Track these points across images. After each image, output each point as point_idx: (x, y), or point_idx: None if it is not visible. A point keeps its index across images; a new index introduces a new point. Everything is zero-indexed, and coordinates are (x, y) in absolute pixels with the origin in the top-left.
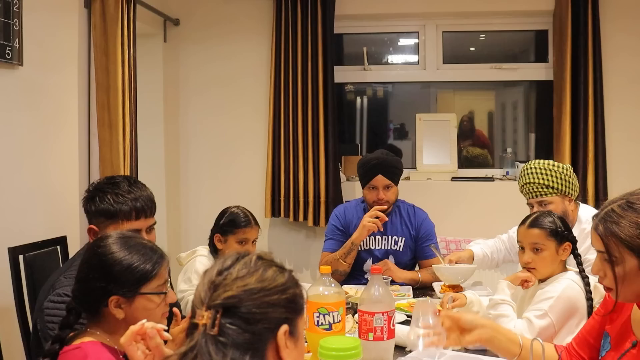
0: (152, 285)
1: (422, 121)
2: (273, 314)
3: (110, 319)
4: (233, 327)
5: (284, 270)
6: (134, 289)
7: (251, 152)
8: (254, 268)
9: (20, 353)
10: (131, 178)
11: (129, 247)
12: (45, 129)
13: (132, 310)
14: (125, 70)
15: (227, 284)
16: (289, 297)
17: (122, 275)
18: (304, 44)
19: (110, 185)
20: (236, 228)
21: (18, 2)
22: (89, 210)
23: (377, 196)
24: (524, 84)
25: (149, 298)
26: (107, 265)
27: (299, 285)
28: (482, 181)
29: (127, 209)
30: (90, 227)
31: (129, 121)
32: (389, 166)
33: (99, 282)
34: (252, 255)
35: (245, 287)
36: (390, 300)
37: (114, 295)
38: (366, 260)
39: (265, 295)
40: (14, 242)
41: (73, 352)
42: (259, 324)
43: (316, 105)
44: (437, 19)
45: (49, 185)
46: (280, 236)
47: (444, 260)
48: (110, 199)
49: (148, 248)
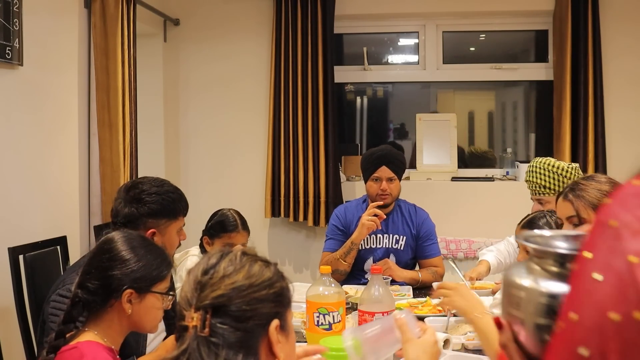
0: (161, 286)
1: (422, 121)
2: (263, 310)
3: (111, 316)
4: (224, 326)
5: (269, 264)
6: (148, 286)
7: (251, 152)
8: (240, 264)
9: (20, 353)
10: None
11: (146, 245)
12: (45, 129)
13: (140, 307)
14: (125, 70)
15: (215, 283)
16: (277, 291)
17: (141, 270)
18: (304, 43)
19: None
20: (223, 232)
21: (18, 2)
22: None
23: (380, 188)
24: (524, 84)
25: (157, 297)
26: (127, 258)
27: (284, 279)
28: (482, 181)
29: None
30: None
31: (129, 121)
32: (394, 158)
33: (117, 271)
34: (236, 252)
35: (233, 284)
36: (390, 300)
37: (129, 288)
38: (367, 259)
39: (254, 292)
40: (14, 242)
41: (69, 352)
42: (250, 320)
43: (316, 105)
44: (437, 19)
45: (49, 185)
46: (280, 236)
47: (465, 277)
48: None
49: (161, 250)
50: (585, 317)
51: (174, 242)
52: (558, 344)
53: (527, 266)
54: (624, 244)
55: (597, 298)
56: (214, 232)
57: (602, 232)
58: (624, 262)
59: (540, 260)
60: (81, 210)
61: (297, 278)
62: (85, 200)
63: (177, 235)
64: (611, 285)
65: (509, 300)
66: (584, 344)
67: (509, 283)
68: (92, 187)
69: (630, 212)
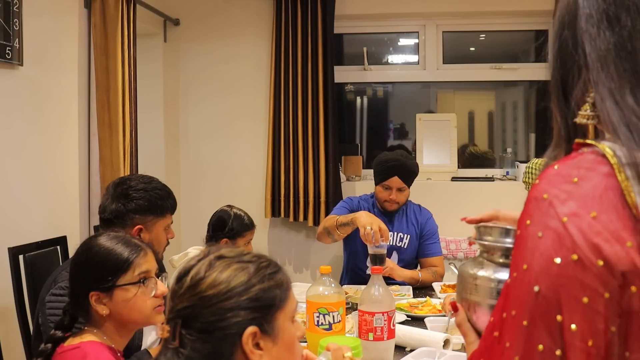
0: (128, 277)
1: (422, 121)
2: (234, 319)
3: (98, 316)
4: (192, 337)
5: (247, 265)
6: (110, 282)
7: (251, 152)
8: (207, 273)
9: (20, 353)
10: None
11: (107, 241)
12: (45, 129)
13: (114, 304)
14: (125, 70)
15: (182, 294)
16: (252, 297)
17: (98, 269)
18: (304, 43)
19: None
20: (246, 230)
21: (18, 2)
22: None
23: (389, 196)
24: (524, 84)
25: (126, 289)
26: (85, 261)
27: (270, 278)
28: (482, 181)
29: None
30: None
31: (129, 121)
32: (407, 170)
33: (80, 279)
34: (210, 256)
35: (197, 295)
36: (390, 300)
37: (93, 291)
38: (368, 255)
39: (220, 302)
40: (14, 242)
41: (72, 351)
42: (219, 331)
43: (316, 105)
44: (437, 19)
45: (49, 185)
46: (280, 236)
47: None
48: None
49: (126, 241)
50: (534, 264)
51: (161, 239)
52: (513, 289)
53: (479, 260)
54: (557, 209)
55: (542, 250)
56: (235, 232)
57: (537, 203)
58: (558, 222)
59: (489, 254)
60: (81, 210)
61: (297, 278)
62: (85, 200)
63: (164, 233)
64: (551, 239)
65: (465, 287)
66: (536, 283)
67: (466, 274)
68: (92, 187)
69: (556, 187)
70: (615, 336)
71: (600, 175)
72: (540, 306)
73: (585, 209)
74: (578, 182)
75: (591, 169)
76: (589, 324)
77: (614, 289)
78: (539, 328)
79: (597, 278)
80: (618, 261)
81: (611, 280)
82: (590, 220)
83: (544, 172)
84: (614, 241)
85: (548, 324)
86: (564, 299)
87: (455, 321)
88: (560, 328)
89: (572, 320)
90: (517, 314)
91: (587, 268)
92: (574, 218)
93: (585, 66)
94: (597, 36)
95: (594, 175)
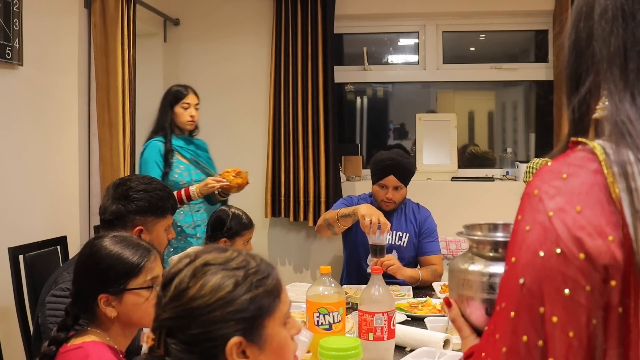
0: (139, 281)
1: (422, 121)
2: (219, 331)
3: (105, 318)
4: (177, 347)
5: (233, 273)
6: (121, 285)
7: (251, 152)
8: (191, 282)
9: (20, 353)
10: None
11: (115, 244)
12: (45, 129)
13: (123, 307)
14: (125, 70)
15: (165, 304)
16: (238, 308)
17: (108, 272)
18: (304, 43)
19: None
20: (244, 229)
21: (18, 2)
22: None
23: (385, 195)
24: (524, 84)
25: (137, 293)
26: (93, 263)
27: (257, 286)
28: (482, 181)
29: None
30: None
31: (129, 121)
32: (403, 169)
33: (87, 281)
34: (196, 262)
35: (181, 307)
36: (390, 300)
37: (102, 293)
38: (369, 253)
39: (204, 314)
40: (14, 242)
41: (75, 351)
42: (202, 343)
43: (316, 105)
44: (437, 19)
45: (49, 185)
46: (280, 236)
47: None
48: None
49: (135, 244)
50: (521, 257)
51: (162, 240)
52: (505, 281)
53: (469, 255)
54: (545, 204)
55: (528, 243)
56: (234, 232)
57: (529, 199)
58: (545, 216)
59: (478, 249)
60: (81, 210)
61: (297, 278)
62: (85, 200)
63: (165, 233)
64: (537, 233)
65: (458, 283)
66: (522, 276)
67: (458, 270)
68: (92, 187)
69: (546, 183)
70: (599, 329)
71: (588, 172)
72: (525, 298)
73: (572, 204)
74: (567, 178)
75: (581, 165)
76: (570, 315)
77: (597, 282)
78: (523, 319)
79: (579, 271)
80: (599, 255)
81: (593, 274)
82: (575, 214)
83: (539, 170)
84: (597, 235)
85: (532, 316)
86: (547, 291)
87: (449, 316)
88: (542, 319)
89: (553, 312)
90: (506, 306)
91: (570, 261)
92: (559, 213)
93: (596, 62)
94: (610, 33)
95: (582, 172)
